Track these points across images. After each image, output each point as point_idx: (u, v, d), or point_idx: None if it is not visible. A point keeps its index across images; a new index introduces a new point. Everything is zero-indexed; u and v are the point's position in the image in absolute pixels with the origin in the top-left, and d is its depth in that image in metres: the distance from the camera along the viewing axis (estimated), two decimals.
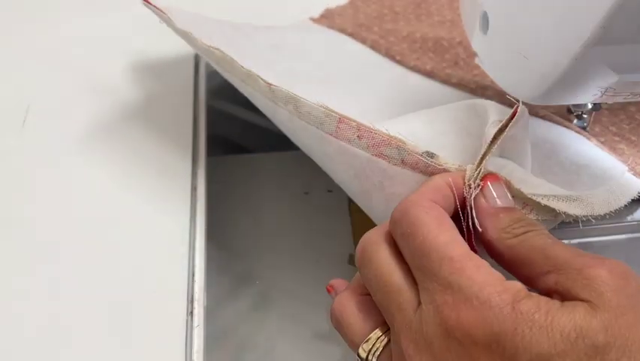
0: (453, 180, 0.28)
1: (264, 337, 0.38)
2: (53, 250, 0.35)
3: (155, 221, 0.37)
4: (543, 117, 0.38)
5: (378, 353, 0.26)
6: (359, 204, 0.33)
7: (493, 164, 0.29)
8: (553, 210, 0.28)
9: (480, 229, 0.27)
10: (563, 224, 0.31)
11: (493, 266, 0.24)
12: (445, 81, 0.42)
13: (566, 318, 0.22)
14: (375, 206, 0.32)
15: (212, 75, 0.48)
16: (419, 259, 0.24)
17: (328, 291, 0.31)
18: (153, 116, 0.43)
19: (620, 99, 0.29)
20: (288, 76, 0.40)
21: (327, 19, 0.48)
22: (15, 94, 0.45)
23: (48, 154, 0.41)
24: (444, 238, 0.24)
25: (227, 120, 0.55)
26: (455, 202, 0.27)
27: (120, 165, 0.40)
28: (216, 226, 0.41)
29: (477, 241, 0.27)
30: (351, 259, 0.40)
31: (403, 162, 0.29)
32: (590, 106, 0.36)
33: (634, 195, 0.32)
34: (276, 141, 0.56)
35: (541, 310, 0.22)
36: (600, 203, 0.30)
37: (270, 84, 0.33)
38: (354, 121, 0.30)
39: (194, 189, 0.39)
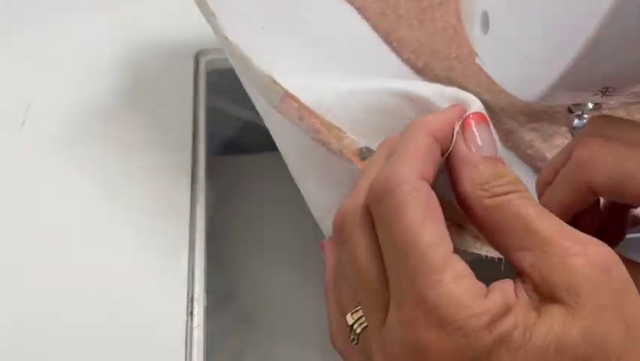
0: (439, 128, 0.24)
1: (264, 337, 0.38)
2: (53, 249, 0.35)
3: (155, 221, 0.37)
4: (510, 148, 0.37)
5: (365, 324, 0.24)
6: (296, 182, 0.31)
7: None
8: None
9: (455, 179, 0.23)
10: None
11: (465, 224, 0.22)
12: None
13: (544, 331, 0.20)
14: (311, 189, 0.30)
15: (212, 75, 0.48)
16: (395, 256, 0.22)
17: (321, 249, 0.29)
18: (153, 116, 0.43)
19: (621, 99, 0.29)
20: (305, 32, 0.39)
21: None
22: (15, 94, 0.45)
23: (48, 154, 0.41)
24: (428, 236, 0.21)
25: (227, 120, 0.55)
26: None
27: (120, 164, 0.40)
28: (216, 226, 0.41)
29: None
30: None
31: (342, 153, 0.27)
32: (590, 106, 0.36)
33: None
34: None
35: (518, 328, 0.20)
36: None
37: (227, 37, 0.31)
38: (298, 100, 0.28)
39: (194, 189, 0.39)
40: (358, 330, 0.24)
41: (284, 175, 0.48)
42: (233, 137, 0.59)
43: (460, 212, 0.25)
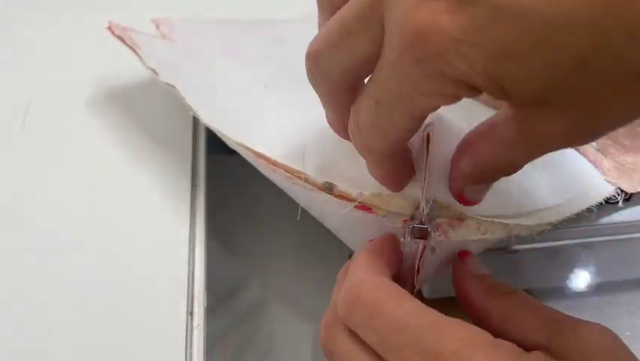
0: (387, 239, 0.28)
1: (264, 337, 0.38)
2: (53, 250, 0.35)
3: (155, 221, 0.37)
4: None
5: None
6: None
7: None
8: (507, 225, 0.28)
9: (461, 293, 0.27)
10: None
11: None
12: None
13: None
14: (318, 217, 0.33)
15: None
16: (393, 338, 0.22)
17: None
18: (153, 116, 0.43)
19: None
20: (287, 69, 0.40)
21: None
22: (15, 94, 0.45)
23: (48, 154, 0.41)
24: (412, 307, 0.23)
25: None
26: (397, 258, 0.27)
27: (120, 164, 0.40)
28: (216, 226, 0.41)
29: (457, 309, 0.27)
30: None
31: (315, 191, 0.29)
32: None
33: (593, 202, 0.32)
34: None
35: None
36: (550, 213, 0.30)
37: (205, 123, 0.35)
38: (264, 157, 0.31)
39: (194, 188, 0.39)
40: None
41: None
42: None
43: (456, 209, 0.27)
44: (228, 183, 0.46)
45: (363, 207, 0.28)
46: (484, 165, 0.24)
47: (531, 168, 0.24)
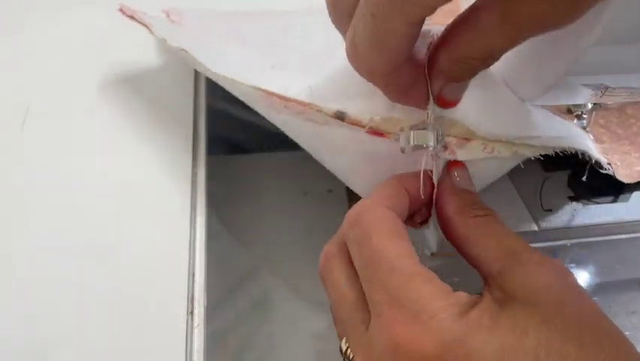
0: (407, 180, 0.28)
1: (264, 337, 0.38)
2: (53, 250, 0.35)
3: (155, 221, 0.37)
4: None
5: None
6: (315, 158, 0.34)
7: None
8: (512, 145, 0.29)
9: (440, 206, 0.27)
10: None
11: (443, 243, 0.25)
12: None
13: (509, 319, 0.22)
14: (326, 161, 0.33)
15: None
16: (368, 268, 0.24)
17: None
18: (153, 116, 0.43)
19: (619, 99, 0.29)
20: (294, 55, 0.41)
21: None
22: (15, 94, 0.45)
23: (48, 155, 0.41)
24: (395, 250, 0.24)
25: (227, 120, 0.56)
26: (409, 201, 0.28)
27: (120, 165, 0.40)
28: (216, 226, 0.41)
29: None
30: None
31: (328, 123, 0.30)
32: (589, 106, 0.36)
33: (585, 147, 0.32)
34: (276, 141, 0.56)
35: (486, 314, 0.23)
36: (552, 141, 0.30)
37: (214, 72, 0.34)
38: (276, 94, 0.31)
39: (194, 189, 0.39)
40: (351, 356, 0.26)
41: (284, 175, 0.48)
42: (234, 137, 0.59)
43: (463, 127, 0.28)
44: (228, 183, 0.46)
45: (375, 132, 0.28)
46: (463, 57, 0.24)
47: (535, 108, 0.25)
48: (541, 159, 0.30)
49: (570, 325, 0.22)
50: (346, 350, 0.26)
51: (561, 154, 0.29)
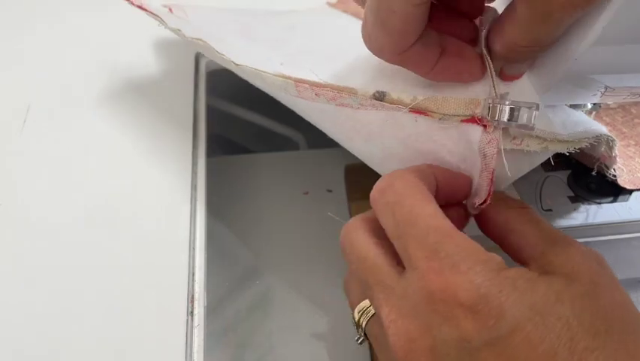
0: (438, 169, 0.28)
1: (264, 337, 0.38)
2: (53, 251, 0.35)
3: (156, 221, 0.37)
4: None
5: (371, 313, 0.27)
6: (344, 146, 0.34)
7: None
8: (543, 140, 0.28)
9: (474, 206, 0.28)
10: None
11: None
12: None
13: (545, 285, 0.23)
14: (357, 147, 0.32)
15: (212, 75, 0.48)
16: (404, 227, 0.25)
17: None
18: (153, 116, 0.43)
19: (619, 99, 0.29)
20: (300, 52, 0.41)
21: (343, 3, 0.50)
22: (15, 94, 0.45)
23: (48, 155, 0.41)
24: (430, 210, 0.25)
25: (227, 120, 0.56)
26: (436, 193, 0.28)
27: (120, 165, 0.40)
28: (216, 226, 0.41)
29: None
30: None
31: (362, 106, 0.29)
32: (589, 106, 0.36)
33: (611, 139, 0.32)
34: (276, 141, 0.56)
35: (523, 277, 0.23)
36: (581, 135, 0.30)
37: (238, 64, 0.34)
38: (307, 82, 0.31)
39: (194, 189, 0.39)
40: (364, 323, 0.27)
41: (284, 175, 0.48)
42: (234, 137, 0.59)
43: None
44: (228, 183, 0.46)
45: (418, 111, 0.28)
46: (512, 44, 0.25)
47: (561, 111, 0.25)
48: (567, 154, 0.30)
49: (603, 307, 0.23)
50: (359, 318, 0.27)
51: (567, 153, 0.29)
